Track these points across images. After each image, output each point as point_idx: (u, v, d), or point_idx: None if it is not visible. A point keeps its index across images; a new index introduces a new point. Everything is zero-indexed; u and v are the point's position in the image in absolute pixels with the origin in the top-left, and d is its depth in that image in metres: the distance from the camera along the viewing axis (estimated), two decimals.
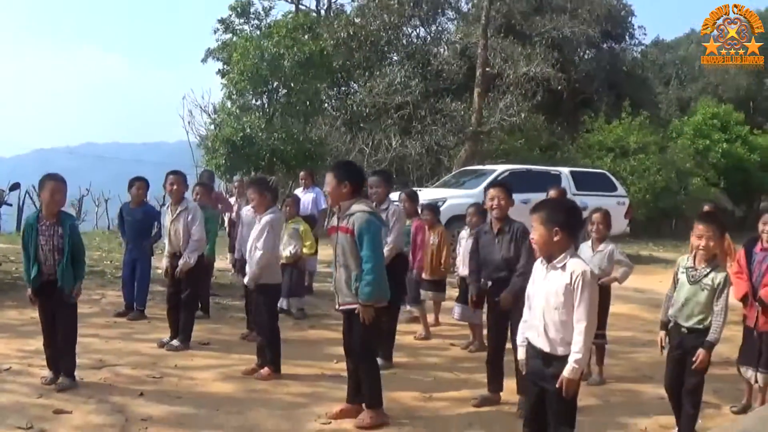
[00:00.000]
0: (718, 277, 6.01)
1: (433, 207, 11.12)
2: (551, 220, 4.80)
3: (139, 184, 10.55)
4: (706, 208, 8.90)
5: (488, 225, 7.24)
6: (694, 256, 6.18)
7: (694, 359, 6.01)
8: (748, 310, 7.21)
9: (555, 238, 4.77)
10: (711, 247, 6.03)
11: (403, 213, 9.22)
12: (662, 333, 6.30)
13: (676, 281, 6.29)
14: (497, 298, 6.92)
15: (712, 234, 5.99)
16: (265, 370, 7.88)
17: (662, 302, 6.50)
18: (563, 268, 4.77)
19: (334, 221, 6.69)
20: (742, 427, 3.52)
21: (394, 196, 14.17)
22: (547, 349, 4.85)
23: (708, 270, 6.02)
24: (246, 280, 8.19)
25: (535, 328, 4.95)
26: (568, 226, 4.82)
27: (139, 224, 10.53)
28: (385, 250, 7.63)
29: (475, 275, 7.37)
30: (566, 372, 4.69)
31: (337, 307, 6.69)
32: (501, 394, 7.23)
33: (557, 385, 4.72)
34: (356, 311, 6.41)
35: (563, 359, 4.75)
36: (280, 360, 7.97)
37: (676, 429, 6.32)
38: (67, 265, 6.99)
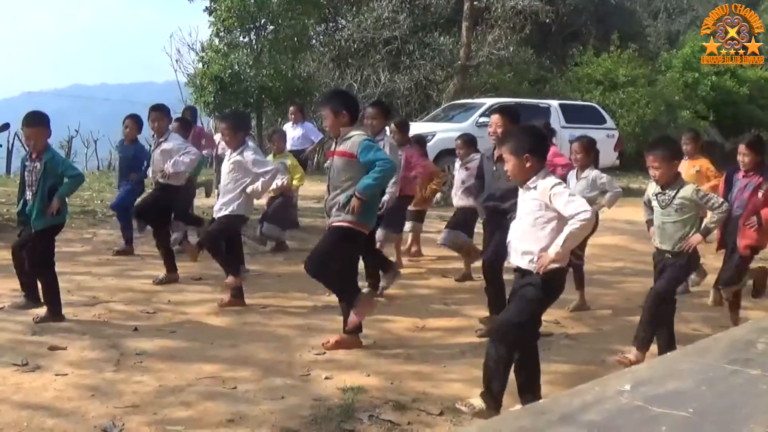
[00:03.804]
0: (689, 191, 6.11)
1: (421, 140, 11.12)
2: (520, 148, 4.96)
3: (128, 122, 10.50)
4: (687, 135, 9.27)
5: (491, 150, 7.09)
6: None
7: (685, 244, 6.13)
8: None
9: (527, 165, 4.95)
10: (664, 173, 6.12)
11: (395, 145, 9.18)
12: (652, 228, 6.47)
13: (650, 204, 6.47)
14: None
15: (660, 161, 6.08)
16: (226, 296, 8.01)
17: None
18: (535, 188, 4.92)
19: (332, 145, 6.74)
20: None
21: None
22: (524, 265, 4.97)
23: (674, 191, 6.12)
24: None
25: (514, 248, 5.08)
26: (536, 149, 4.99)
27: (129, 161, 10.61)
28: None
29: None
30: (549, 250, 4.80)
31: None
32: None
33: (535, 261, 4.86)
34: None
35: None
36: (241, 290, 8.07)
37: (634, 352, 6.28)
38: (37, 200, 7.08)
